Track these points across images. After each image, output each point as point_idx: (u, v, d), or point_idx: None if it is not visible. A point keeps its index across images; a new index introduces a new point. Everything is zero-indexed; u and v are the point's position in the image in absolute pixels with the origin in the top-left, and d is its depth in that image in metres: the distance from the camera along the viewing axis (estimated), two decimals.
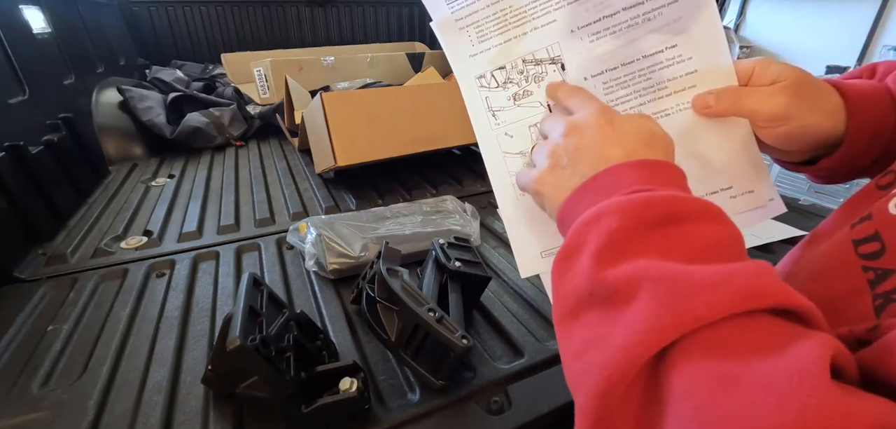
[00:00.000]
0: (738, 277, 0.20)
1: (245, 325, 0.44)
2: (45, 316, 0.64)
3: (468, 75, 0.38)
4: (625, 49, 0.36)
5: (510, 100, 0.38)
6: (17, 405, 0.49)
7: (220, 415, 0.47)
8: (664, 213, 0.24)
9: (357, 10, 2.45)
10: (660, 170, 0.27)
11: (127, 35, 1.99)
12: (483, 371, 0.52)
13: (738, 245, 0.23)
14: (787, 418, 0.15)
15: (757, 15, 3.85)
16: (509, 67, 0.38)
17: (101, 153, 1.25)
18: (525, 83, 0.38)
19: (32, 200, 0.85)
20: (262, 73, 1.74)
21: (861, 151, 0.33)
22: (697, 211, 0.24)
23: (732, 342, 0.19)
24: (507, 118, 0.38)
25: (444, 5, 0.38)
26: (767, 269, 0.21)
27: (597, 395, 0.20)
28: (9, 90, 0.96)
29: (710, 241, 0.23)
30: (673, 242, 0.23)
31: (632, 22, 0.35)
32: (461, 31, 0.38)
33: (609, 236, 0.24)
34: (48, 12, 1.24)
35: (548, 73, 0.37)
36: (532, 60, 0.37)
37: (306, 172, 1.21)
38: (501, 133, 0.38)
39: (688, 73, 0.35)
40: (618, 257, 0.23)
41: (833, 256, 0.27)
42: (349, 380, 0.45)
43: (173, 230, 0.89)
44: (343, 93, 1.15)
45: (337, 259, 0.68)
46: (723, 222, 0.24)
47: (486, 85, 0.38)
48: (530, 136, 0.38)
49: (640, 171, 0.27)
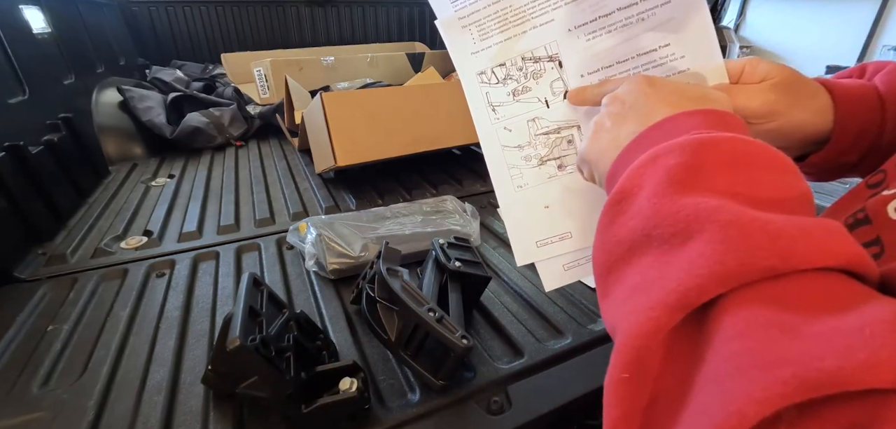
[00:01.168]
0: (816, 233, 0.18)
1: (245, 325, 0.44)
2: (45, 316, 0.64)
3: (470, 72, 0.40)
4: (620, 47, 0.36)
5: (509, 95, 0.39)
6: (17, 405, 0.49)
7: (220, 415, 0.47)
8: (731, 154, 0.22)
9: (357, 10, 2.45)
10: (720, 118, 0.25)
11: (127, 35, 1.99)
12: (483, 371, 0.52)
13: (807, 202, 0.22)
14: (856, 361, 0.14)
15: (757, 15, 3.85)
16: (509, 64, 0.39)
17: (101, 153, 1.25)
18: (524, 79, 0.39)
19: (32, 200, 0.85)
20: (262, 73, 1.74)
21: (848, 147, 0.33)
22: (767, 158, 0.22)
23: (799, 296, 0.17)
24: (507, 113, 0.39)
25: (449, 4, 0.39)
26: (840, 228, 0.19)
27: (640, 334, 0.19)
28: (9, 90, 0.96)
29: (781, 193, 0.21)
30: (741, 186, 0.21)
31: (627, 21, 0.36)
32: (464, 29, 0.39)
33: (668, 175, 0.22)
34: (48, 12, 1.24)
35: (546, 70, 0.39)
36: (531, 58, 0.39)
37: (306, 172, 1.21)
38: (501, 127, 0.39)
39: (680, 70, 0.36)
40: (682, 193, 0.21)
41: None
42: (349, 380, 0.45)
43: (173, 230, 0.89)
44: (343, 93, 1.15)
45: (337, 259, 0.68)
46: (793, 175, 0.23)
47: (487, 81, 0.40)
48: (528, 130, 0.39)
49: (699, 118, 0.25)
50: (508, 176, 0.39)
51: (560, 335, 0.58)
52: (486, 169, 0.41)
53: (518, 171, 0.39)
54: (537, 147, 0.39)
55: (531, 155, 0.39)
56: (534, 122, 0.39)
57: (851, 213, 0.26)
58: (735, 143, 0.23)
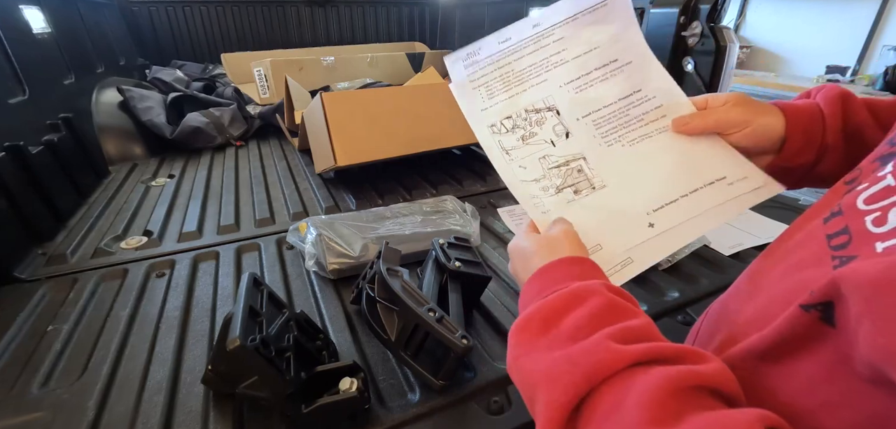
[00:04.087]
0: (581, 361, 0.27)
1: (245, 325, 0.44)
2: (45, 316, 0.64)
3: (482, 124, 0.46)
4: (602, 96, 0.46)
5: (520, 140, 0.46)
6: (17, 405, 0.49)
7: (220, 415, 0.47)
8: (542, 319, 0.31)
9: (357, 10, 2.46)
10: (546, 273, 0.36)
11: (127, 35, 1.99)
12: (483, 371, 0.52)
13: (597, 316, 0.30)
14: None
15: (757, 15, 3.84)
16: (515, 116, 0.46)
17: (101, 153, 1.25)
18: (529, 127, 0.46)
19: (32, 200, 0.85)
20: (262, 73, 1.74)
21: (801, 147, 0.41)
22: (564, 304, 0.31)
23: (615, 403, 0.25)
24: (519, 155, 0.45)
25: (463, 70, 0.48)
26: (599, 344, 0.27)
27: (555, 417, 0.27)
28: (9, 90, 0.96)
29: (577, 323, 0.30)
30: (552, 339, 0.30)
31: (603, 77, 0.46)
32: (475, 90, 0.47)
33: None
34: (48, 12, 1.24)
35: (547, 118, 0.46)
36: (533, 109, 0.46)
37: (306, 172, 1.21)
38: (516, 166, 0.45)
39: (656, 107, 0.45)
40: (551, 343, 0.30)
41: (806, 244, 0.30)
42: (349, 380, 0.45)
43: (173, 230, 0.89)
44: (343, 93, 1.16)
45: (337, 259, 0.68)
46: (583, 303, 0.31)
47: (498, 131, 0.46)
48: (541, 166, 0.45)
49: (534, 284, 0.36)
50: (533, 205, 0.43)
51: None
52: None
53: (540, 200, 0.44)
54: (552, 178, 0.44)
55: (548, 185, 0.44)
56: (544, 158, 0.45)
57: (830, 209, 0.29)
58: (542, 308, 0.32)
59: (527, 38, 0.47)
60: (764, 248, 0.76)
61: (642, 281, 0.69)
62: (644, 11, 1.30)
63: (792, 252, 0.31)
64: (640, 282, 0.69)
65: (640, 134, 0.45)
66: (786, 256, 0.32)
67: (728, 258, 0.75)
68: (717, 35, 1.13)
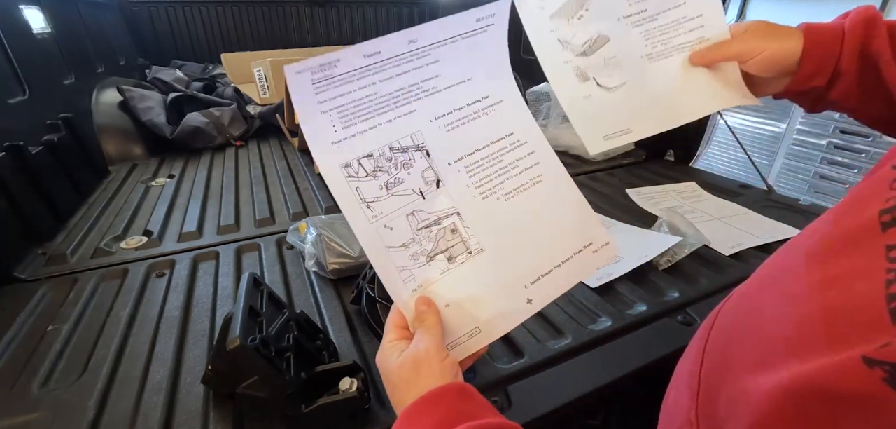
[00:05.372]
0: None
1: (245, 325, 0.44)
2: (45, 316, 0.64)
3: (333, 164, 0.36)
4: (474, 137, 0.40)
5: (383, 189, 0.37)
6: (17, 405, 0.49)
7: (220, 415, 0.47)
8: None
9: (357, 10, 2.45)
10: (408, 423, 0.33)
11: (127, 35, 1.99)
12: (483, 371, 0.52)
13: None
14: None
15: (757, 15, 3.84)
16: (376, 155, 0.37)
17: (101, 153, 1.25)
18: (395, 171, 0.37)
19: (32, 200, 0.85)
20: (262, 73, 1.74)
21: (814, 70, 0.42)
22: None
23: None
24: (383, 209, 0.37)
25: (310, 88, 0.35)
26: None
27: None
28: (9, 90, 0.96)
29: None
30: None
31: (474, 116, 0.40)
32: (324, 114, 0.36)
33: None
34: (48, 12, 1.24)
35: (415, 159, 0.38)
36: (399, 148, 0.38)
37: (306, 172, 1.21)
38: (381, 226, 0.36)
39: (528, 153, 0.41)
40: None
41: (855, 246, 0.25)
42: (349, 380, 0.45)
43: (173, 230, 0.89)
44: None
45: (337, 259, 0.68)
46: None
47: (354, 173, 0.37)
48: (408, 225, 0.37)
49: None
50: (400, 280, 0.36)
51: (560, 335, 0.58)
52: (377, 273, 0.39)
53: (408, 272, 0.37)
54: (422, 242, 0.37)
55: (418, 252, 0.37)
56: (412, 215, 0.37)
57: (885, 201, 0.24)
58: None
59: (399, 56, 0.37)
60: (764, 248, 0.77)
61: (642, 281, 0.69)
62: None
63: (835, 254, 0.26)
64: (640, 282, 0.69)
65: (515, 185, 0.40)
66: (826, 258, 0.27)
67: (728, 258, 0.75)
68: None
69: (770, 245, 0.78)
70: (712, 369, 0.33)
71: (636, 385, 0.53)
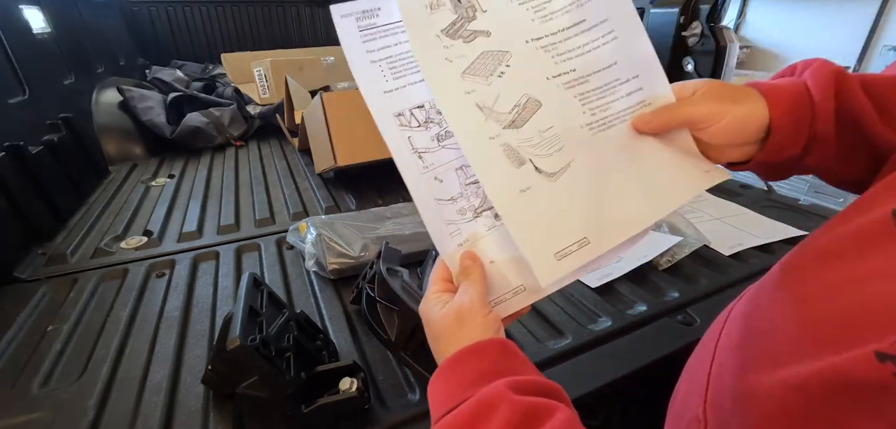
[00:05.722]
0: None
1: (245, 325, 0.44)
2: (45, 316, 0.64)
3: (386, 113, 0.36)
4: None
5: (434, 140, 0.36)
6: (17, 405, 0.49)
7: (220, 415, 0.47)
8: None
9: None
10: (451, 372, 0.32)
11: (127, 35, 1.99)
12: None
13: None
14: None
15: (757, 15, 3.84)
16: (428, 106, 0.37)
17: (101, 153, 1.25)
18: (446, 124, 0.36)
19: (32, 200, 0.85)
20: (262, 73, 1.74)
21: (788, 138, 0.35)
22: (467, 422, 0.28)
23: None
24: (435, 160, 0.36)
25: (357, 35, 0.36)
26: None
27: None
28: (9, 90, 0.96)
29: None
30: None
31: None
32: (373, 64, 0.36)
33: None
34: (48, 12, 1.24)
35: None
36: None
37: (306, 172, 1.21)
38: (431, 178, 0.36)
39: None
40: None
41: (875, 244, 0.24)
42: (349, 380, 0.45)
43: (173, 230, 0.89)
44: (343, 93, 1.15)
45: (337, 259, 0.68)
46: (488, 421, 0.28)
47: (407, 123, 0.36)
48: (458, 180, 0.36)
49: (440, 385, 0.33)
50: (447, 233, 0.36)
51: (560, 335, 0.58)
52: (426, 228, 0.38)
53: (455, 226, 0.36)
54: (469, 197, 0.36)
55: (465, 207, 0.36)
56: (461, 170, 0.37)
57: None
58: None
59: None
60: (764, 248, 0.77)
61: (642, 281, 0.69)
62: (644, 11, 1.30)
63: (849, 253, 0.26)
64: (640, 282, 0.69)
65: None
66: (840, 257, 0.26)
67: (728, 258, 0.75)
68: (717, 35, 1.13)
69: (770, 245, 0.78)
70: (722, 368, 0.33)
71: (636, 385, 0.53)
